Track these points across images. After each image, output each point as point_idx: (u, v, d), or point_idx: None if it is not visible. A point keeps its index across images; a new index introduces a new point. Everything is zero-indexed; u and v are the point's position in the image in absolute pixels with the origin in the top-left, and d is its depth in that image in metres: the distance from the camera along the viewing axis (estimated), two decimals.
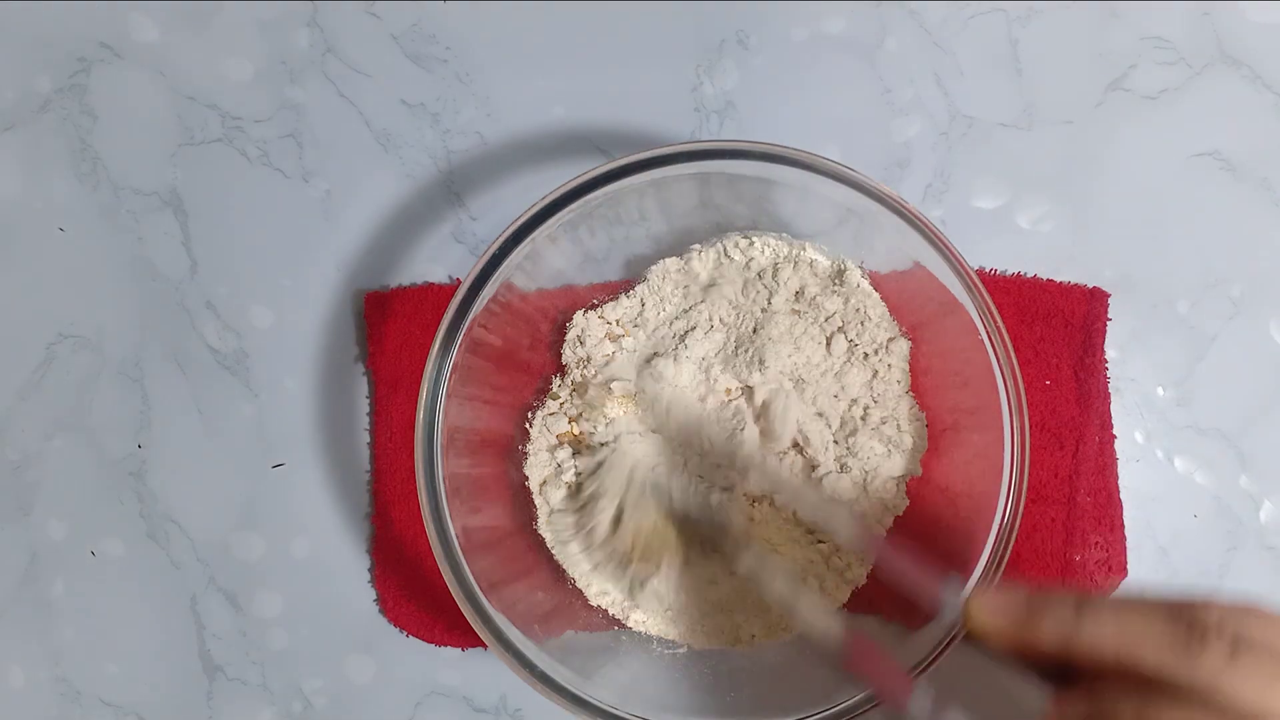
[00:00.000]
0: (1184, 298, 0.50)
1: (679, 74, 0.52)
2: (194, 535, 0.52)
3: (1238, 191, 0.51)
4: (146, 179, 0.53)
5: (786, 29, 0.52)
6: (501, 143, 0.52)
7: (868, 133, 0.51)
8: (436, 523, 0.42)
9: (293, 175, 0.53)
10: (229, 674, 0.52)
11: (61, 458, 0.53)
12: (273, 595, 0.52)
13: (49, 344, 0.53)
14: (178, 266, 0.53)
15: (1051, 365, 0.49)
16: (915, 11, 0.51)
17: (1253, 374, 0.50)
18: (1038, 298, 0.49)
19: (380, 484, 0.51)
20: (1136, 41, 0.51)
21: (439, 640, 0.51)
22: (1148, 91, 0.51)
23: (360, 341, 0.52)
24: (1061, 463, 0.48)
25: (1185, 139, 0.51)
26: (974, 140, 0.51)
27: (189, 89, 0.53)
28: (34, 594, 0.52)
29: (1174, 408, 0.50)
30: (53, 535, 0.53)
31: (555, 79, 0.52)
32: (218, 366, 0.52)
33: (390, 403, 0.51)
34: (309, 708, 0.52)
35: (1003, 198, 0.51)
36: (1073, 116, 0.51)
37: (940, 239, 0.41)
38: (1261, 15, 0.51)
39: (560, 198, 0.41)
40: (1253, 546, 0.50)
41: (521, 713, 0.51)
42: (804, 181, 0.42)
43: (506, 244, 0.41)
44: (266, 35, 0.53)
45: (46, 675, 0.52)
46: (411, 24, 0.53)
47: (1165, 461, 0.50)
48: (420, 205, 0.52)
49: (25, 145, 0.53)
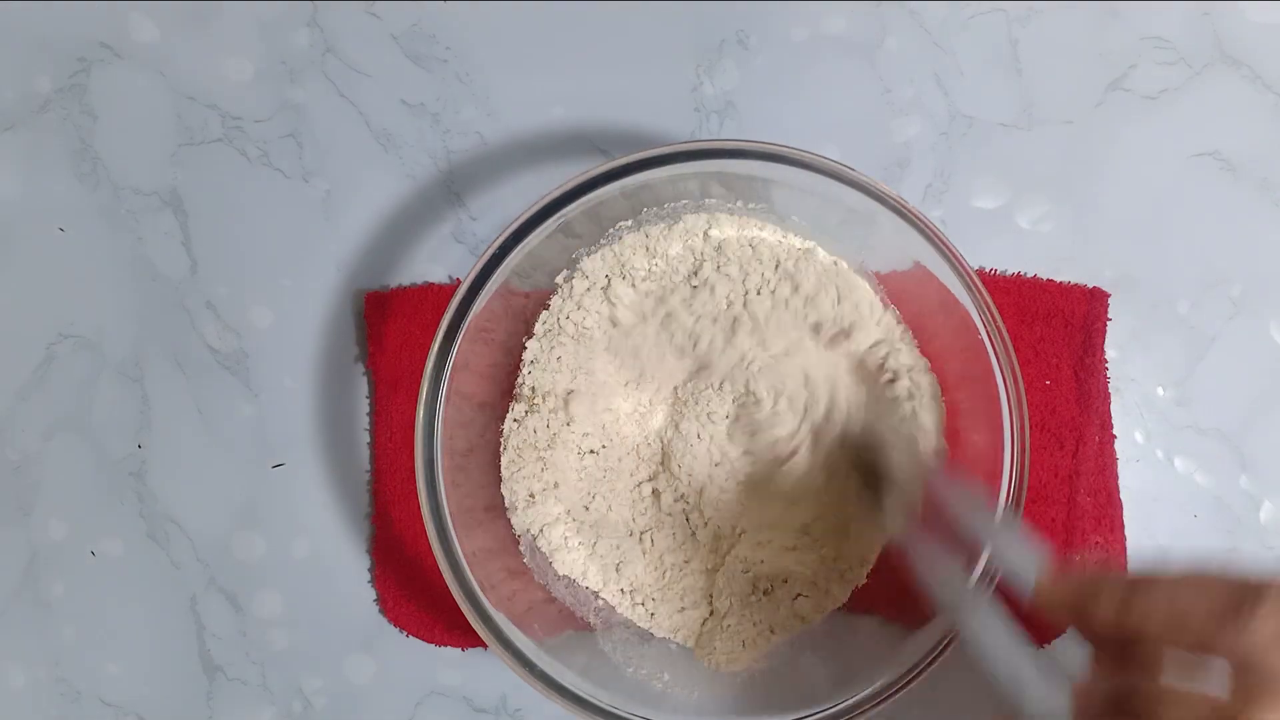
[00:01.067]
0: (1184, 298, 0.50)
1: (679, 74, 0.52)
2: (194, 535, 0.52)
3: (1238, 192, 0.51)
4: (146, 179, 0.53)
5: (786, 29, 0.52)
6: (501, 142, 0.52)
7: (868, 133, 0.51)
8: (436, 523, 0.42)
9: (293, 175, 0.53)
10: (229, 674, 0.52)
11: (61, 458, 0.53)
12: (273, 595, 0.52)
13: (49, 344, 0.53)
14: (178, 266, 0.53)
15: (1051, 365, 0.49)
16: (915, 11, 0.51)
17: (1253, 374, 0.50)
18: (1038, 298, 0.49)
19: (380, 484, 0.51)
20: (1136, 41, 0.51)
21: (439, 640, 0.51)
22: (1148, 91, 0.51)
23: (360, 341, 0.52)
24: (1061, 463, 0.48)
25: (1185, 139, 0.51)
26: (974, 140, 0.51)
27: (189, 89, 0.53)
28: (34, 594, 0.52)
29: (1174, 408, 0.50)
30: (53, 535, 0.52)
31: (555, 79, 0.52)
32: (218, 366, 0.52)
33: (390, 403, 0.51)
34: (309, 708, 0.52)
35: (1003, 198, 0.51)
36: (1073, 116, 0.51)
37: (940, 239, 0.41)
38: (1261, 15, 0.51)
39: (560, 197, 0.41)
40: (1253, 547, 0.50)
41: (521, 713, 0.51)
42: (804, 181, 0.42)
43: (506, 244, 0.41)
44: (266, 35, 0.53)
45: (46, 675, 0.52)
46: (411, 24, 0.53)
47: (1165, 461, 0.50)
48: (420, 205, 0.52)
49: (25, 145, 0.53)
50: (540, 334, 0.47)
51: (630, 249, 0.46)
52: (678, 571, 0.48)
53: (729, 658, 0.46)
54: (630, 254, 0.46)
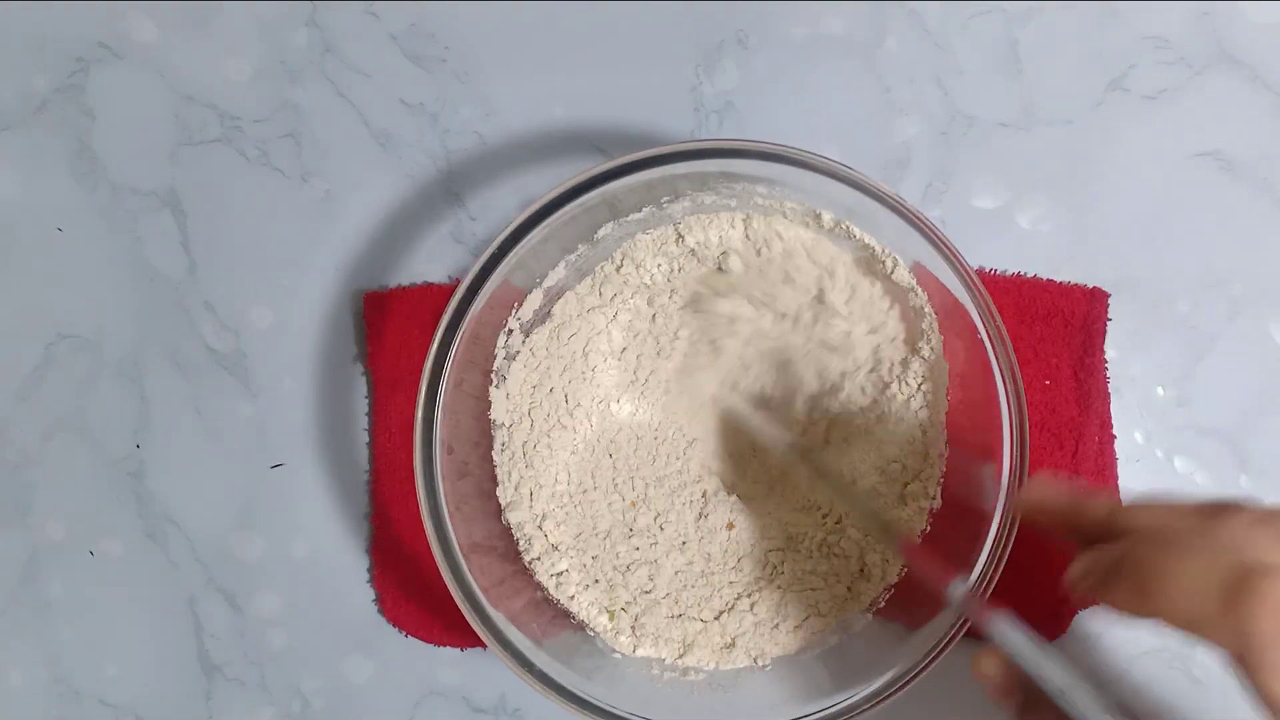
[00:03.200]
0: (1184, 298, 0.50)
1: (678, 74, 0.52)
2: (193, 535, 0.52)
3: (1238, 192, 0.51)
4: (145, 179, 0.53)
5: (786, 29, 0.52)
6: (501, 142, 0.52)
7: (867, 132, 0.51)
8: (435, 522, 0.42)
9: (291, 175, 0.53)
10: (228, 674, 0.52)
11: (60, 458, 0.53)
12: (271, 595, 0.52)
13: (48, 344, 0.53)
14: (176, 266, 0.53)
15: (1051, 365, 0.49)
16: (915, 11, 0.51)
17: (1253, 374, 0.50)
18: (1038, 298, 0.49)
19: (379, 484, 0.51)
20: (1136, 41, 0.51)
21: (438, 640, 0.51)
22: (1148, 91, 0.51)
23: (359, 341, 0.52)
24: (1061, 463, 0.48)
25: (1185, 139, 0.51)
26: (974, 140, 0.51)
27: (188, 89, 0.53)
28: (33, 594, 0.52)
29: (1174, 408, 0.50)
30: (51, 535, 0.52)
31: (554, 79, 0.52)
32: (216, 367, 0.52)
33: (389, 402, 0.51)
34: (307, 708, 0.51)
35: (1002, 197, 0.51)
36: (1072, 116, 0.51)
37: (940, 239, 0.41)
38: (1261, 15, 0.51)
39: (559, 197, 0.41)
40: None
41: (521, 713, 0.51)
42: (804, 181, 0.42)
43: (505, 244, 0.41)
44: (265, 35, 0.53)
45: (45, 675, 0.52)
46: (410, 23, 0.52)
47: (1165, 461, 0.50)
48: (419, 205, 0.52)
49: (23, 145, 0.53)
50: (540, 334, 0.47)
51: (639, 244, 0.46)
52: (676, 573, 0.48)
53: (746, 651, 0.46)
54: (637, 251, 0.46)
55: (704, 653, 0.46)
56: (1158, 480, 0.50)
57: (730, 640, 0.46)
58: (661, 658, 0.46)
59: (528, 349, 0.47)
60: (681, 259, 0.46)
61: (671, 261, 0.47)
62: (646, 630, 0.46)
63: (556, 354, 0.47)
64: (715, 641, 0.46)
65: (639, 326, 0.48)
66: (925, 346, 0.46)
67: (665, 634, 0.47)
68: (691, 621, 0.47)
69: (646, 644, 0.46)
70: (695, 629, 0.47)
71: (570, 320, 0.47)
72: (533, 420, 0.48)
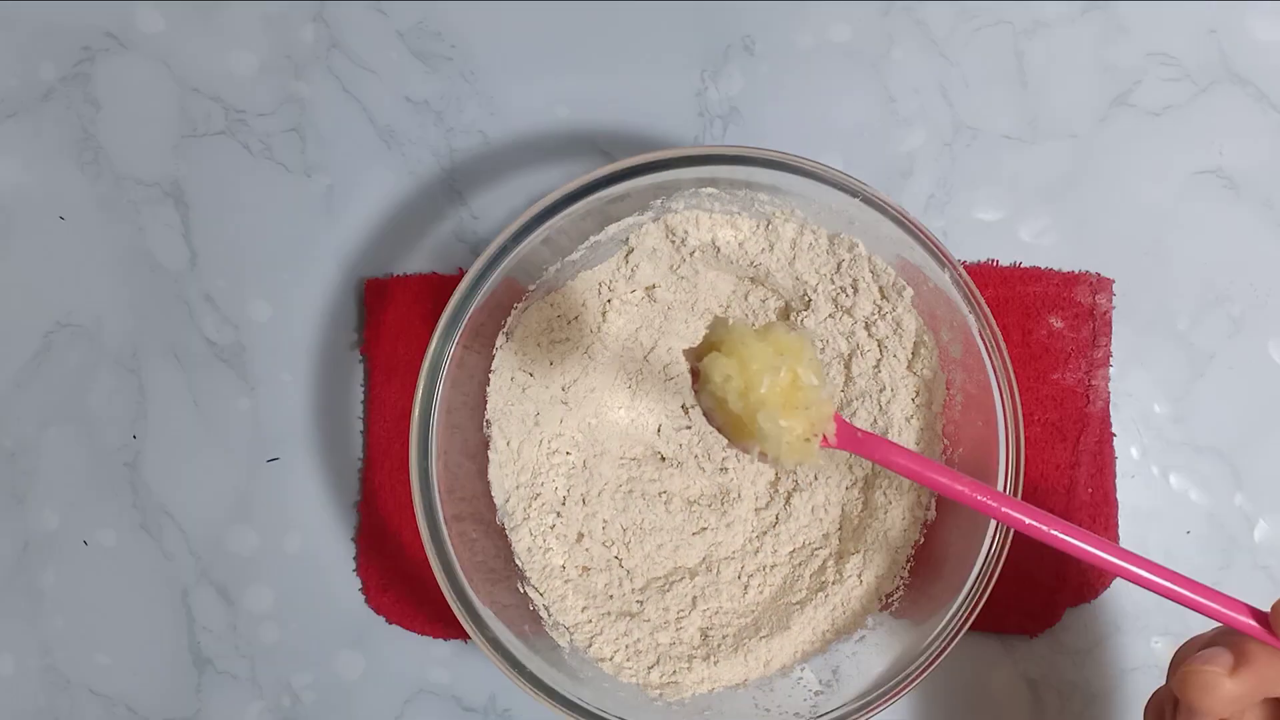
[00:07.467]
0: (1183, 315, 0.50)
1: (684, 78, 0.52)
2: (187, 527, 0.52)
3: (1240, 210, 0.51)
4: (148, 170, 0.53)
5: (792, 36, 0.52)
6: (505, 142, 0.52)
7: (871, 142, 0.51)
8: (429, 519, 0.42)
9: (295, 170, 0.53)
10: (218, 667, 0.52)
11: (56, 447, 0.53)
12: (264, 589, 0.52)
13: (46, 333, 0.53)
14: (177, 258, 0.53)
15: (1059, 358, 0.49)
16: (921, 22, 0.51)
17: (1251, 393, 0.50)
18: (1043, 287, 0.49)
19: (370, 471, 0.51)
20: (1142, 57, 0.51)
21: (421, 629, 0.50)
22: (1152, 107, 0.51)
23: (358, 328, 0.52)
24: (1062, 455, 0.49)
25: (1188, 156, 0.51)
26: (977, 152, 0.51)
27: (193, 81, 0.53)
28: (25, 583, 0.52)
29: (1171, 425, 0.50)
30: (46, 524, 0.52)
31: (560, 79, 0.52)
32: (215, 359, 0.52)
33: (385, 389, 0.51)
34: (297, 703, 0.51)
35: (1005, 210, 0.51)
36: (1077, 130, 0.51)
37: (941, 250, 0.41)
38: (1268, 34, 0.51)
39: (562, 198, 0.41)
40: (1246, 565, 0.49)
41: (510, 713, 0.51)
42: (806, 189, 0.42)
43: (507, 244, 0.41)
44: (272, 29, 0.53)
45: (36, 664, 0.52)
46: (417, 21, 0.52)
47: (1161, 478, 0.50)
48: (422, 203, 0.52)
49: (27, 133, 0.53)
50: (540, 334, 0.47)
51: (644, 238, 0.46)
52: (665, 574, 0.48)
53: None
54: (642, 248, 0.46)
55: (688, 679, 0.46)
56: (1153, 496, 0.50)
57: (715, 662, 0.46)
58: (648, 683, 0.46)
59: (528, 349, 0.47)
60: (682, 259, 0.47)
61: (671, 261, 0.47)
62: (641, 662, 0.47)
63: (556, 353, 0.47)
64: (699, 670, 0.46)
65: (639, 326, 0.48)
66: (919, 363, 0.46)
67: (652, 661, 0.47)
68: (678, 647, 0.47)
69: (627, 674, 0.46)
70: (681, 654, 0.46)
71: (570, 319, 0.47)
72: (529, 419, 0.48)
